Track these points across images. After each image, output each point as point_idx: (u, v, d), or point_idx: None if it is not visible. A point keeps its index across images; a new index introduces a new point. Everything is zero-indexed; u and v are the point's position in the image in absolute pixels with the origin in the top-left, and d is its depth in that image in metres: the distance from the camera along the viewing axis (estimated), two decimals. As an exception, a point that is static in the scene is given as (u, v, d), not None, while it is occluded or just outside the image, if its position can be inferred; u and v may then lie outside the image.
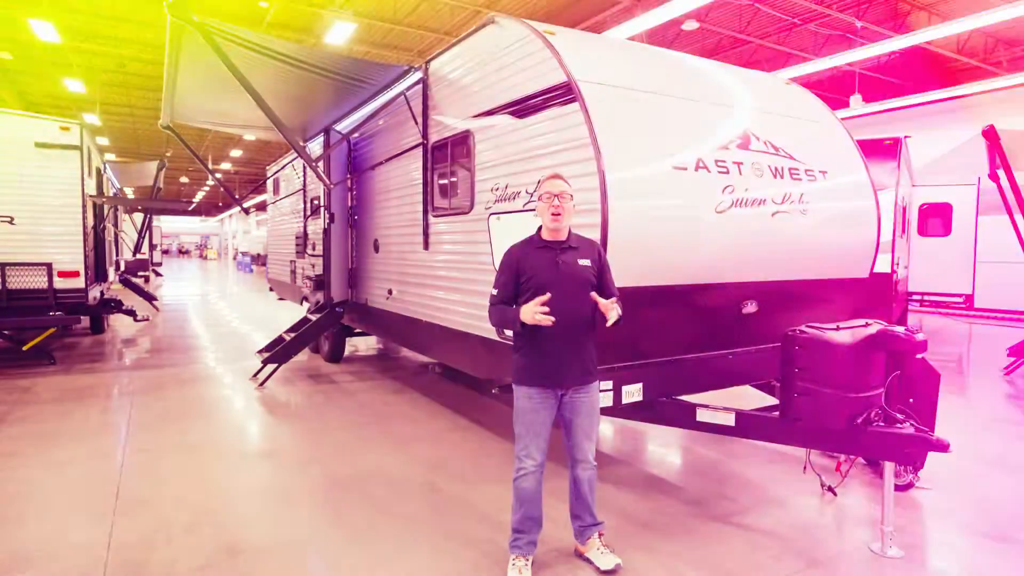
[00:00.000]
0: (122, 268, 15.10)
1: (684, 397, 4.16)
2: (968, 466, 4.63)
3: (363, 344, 10.00)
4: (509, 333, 3.10)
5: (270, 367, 7.18)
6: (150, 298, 14.54)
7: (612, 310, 2.85)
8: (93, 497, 3.87)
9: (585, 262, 2.98)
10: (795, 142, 4.49)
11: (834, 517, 3.79)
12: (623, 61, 4.23)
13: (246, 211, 9.07)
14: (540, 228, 3.04)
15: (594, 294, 2.91)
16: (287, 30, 14.43)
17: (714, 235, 3.92)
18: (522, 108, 4.10)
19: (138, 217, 16.14)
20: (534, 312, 2.77)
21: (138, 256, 16.53)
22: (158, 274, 27.39)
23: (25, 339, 8.07)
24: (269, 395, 6.60)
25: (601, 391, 3.73)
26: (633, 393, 3.86)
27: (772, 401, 4.88)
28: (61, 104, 22.04)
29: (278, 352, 7.09)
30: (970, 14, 10.72)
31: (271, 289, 11.77)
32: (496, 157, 4.40)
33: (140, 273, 20.51)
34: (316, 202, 8.24)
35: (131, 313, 10.85)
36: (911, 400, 3.88)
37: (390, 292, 6.34)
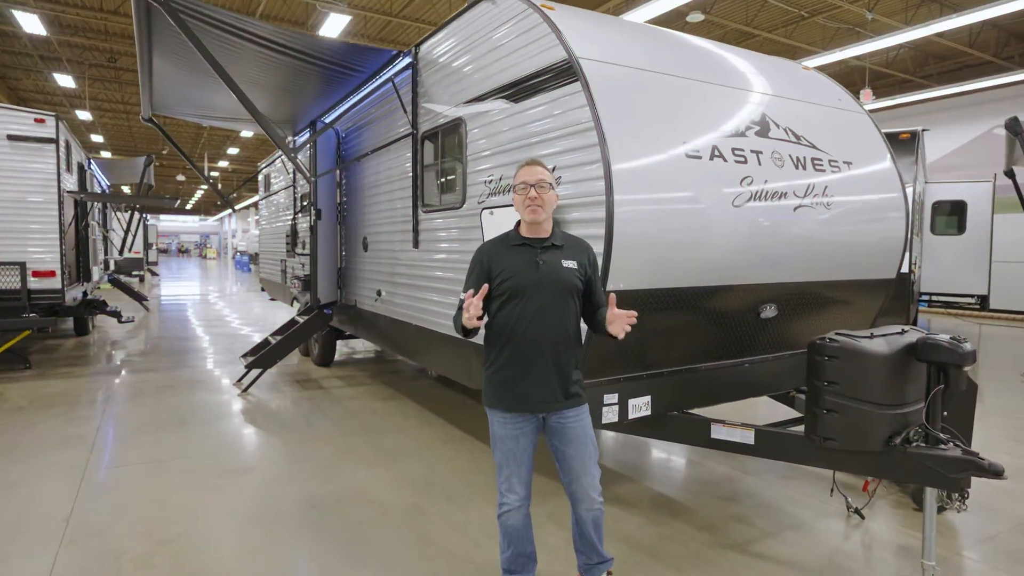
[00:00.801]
0: (111, 268, 14.73)
1: (697, 411, 3.78)
2: (1003, 483, 4.25)
3: (360, 346, 9.62)
4: None
5: (254, 372, 6.81)
6: (140, 298, 14.19)
7: (621, 321, 2.41)
8: (41, 523, 3.48)
9: (571, 264, 2.54)
10: (817, 130, 4.10)
11: (863, 544, 3.41)
12: (630, 39, 3.83)
13: (233, 209, 8.77)
14: (519, 223, 2.63)
15: (612, 296, 2.49)
16: (279, 23, 14.06)
17: (730, 231, 3.52)
18: (518, 91, 3.71)
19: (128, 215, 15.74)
20: (466, 308, 2.33)
21: (129, 255, 16.15)
22: (154, 273, 27.05)
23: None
24: (252, 402, 6.22)
25: (606, 405, 3.36)
26: (641, 407, 3.49)
27: (792, 413, 4.51)
28: (53, 100, 21.70)
29: (262, 357, 6.72)
30: (981, 6, 10.36)
31: (263, 289, 11.41)
32: (489, 146, 4.01)
33: (134, 272, 20.18)
34: (305, 200, 7.86)
35: (115, 314, 10.47)
36: (945, 414, 3.50)
37: (379, 293, 5.96)
